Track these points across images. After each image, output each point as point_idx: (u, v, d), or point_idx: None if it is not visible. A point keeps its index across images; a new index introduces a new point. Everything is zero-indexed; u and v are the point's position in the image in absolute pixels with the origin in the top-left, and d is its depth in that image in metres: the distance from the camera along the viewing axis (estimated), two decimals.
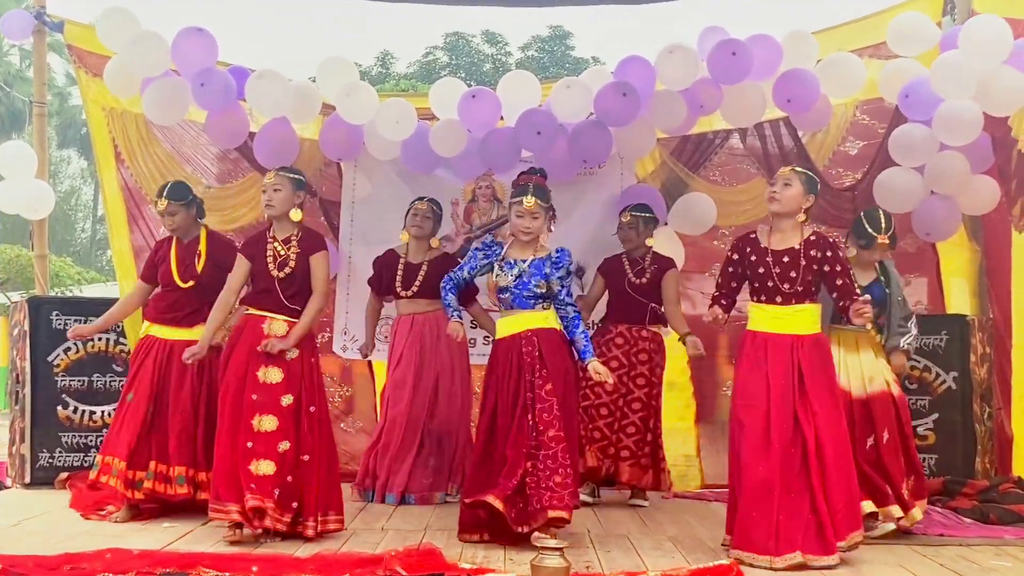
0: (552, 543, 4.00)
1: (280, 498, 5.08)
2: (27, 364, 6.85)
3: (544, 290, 5.20)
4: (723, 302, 5.15)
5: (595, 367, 5.17)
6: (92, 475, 5.74)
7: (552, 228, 5.37)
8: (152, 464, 5.62)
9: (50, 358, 6.90)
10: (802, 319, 4.95)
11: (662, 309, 6.49)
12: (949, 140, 6.23)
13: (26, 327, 6.87)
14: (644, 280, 6.45)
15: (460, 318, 5.38)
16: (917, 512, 5.49)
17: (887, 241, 5.55)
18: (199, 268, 5.78)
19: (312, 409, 5.26)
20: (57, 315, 6.86)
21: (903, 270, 6.85)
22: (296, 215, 5.38)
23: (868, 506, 5.21)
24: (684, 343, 6.33)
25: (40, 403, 6.86)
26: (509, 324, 5.26)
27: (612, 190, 7.13)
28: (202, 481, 5.62)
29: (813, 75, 6.41)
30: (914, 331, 5.66)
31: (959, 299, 7.09)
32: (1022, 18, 6.23)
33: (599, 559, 4.83)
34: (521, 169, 5.73)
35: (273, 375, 5.20)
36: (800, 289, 4.93)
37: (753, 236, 5.13)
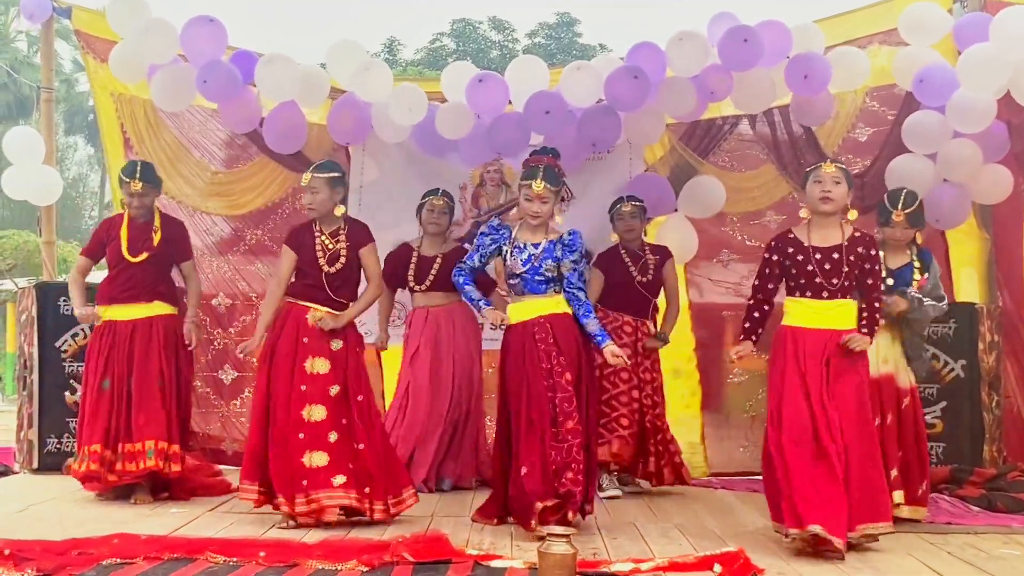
0: (559, 530, 3.99)
1: (345, 484, 5.12)
2: (35, 350, 6.88)
3: (555, 273, 5.17)
4: (764, 308, 5.08)
5: (612, 350, 5.13)
6: (80, 467, 5.76)
7: (564, 208, 5.33)
8: (122, 445, 5.68)
9: (58, 344, 6.92)
10: (842, 315, 4.93)
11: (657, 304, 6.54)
12: (962, 127, 6.20)
13: (34, 313, 6.89)
14: (649, 277, 6.44)
15: (489, 304, 5.33)
16: (902, 511, 5.38)
17: (902, 218, 5.50)
18: (155, 242, 5.85)
19: (360, 398, 5.27)
20: (65, 301, 6.84)
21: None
22: (340, 210, 5.38)
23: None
24: (658, 338, 6.43)
25: (48, 389, 6.88)
26: (522, 310, 5.22)
27: (621, 176, 7.13)
28: (174, 454, 5.71)
29: (825, 58, 6.41)
30: (930, 304, 5.57)
31: (968, 287, 7.07)
32: None
33: (606, 546, 4.82)
34: (548, 148, 5.61)
35: (320, 366, 5.22)
36: (846, 284, 4.91)
37: (792, 236, 5.05)
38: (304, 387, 5.18)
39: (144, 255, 5.86)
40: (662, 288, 6.55)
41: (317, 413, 5.17)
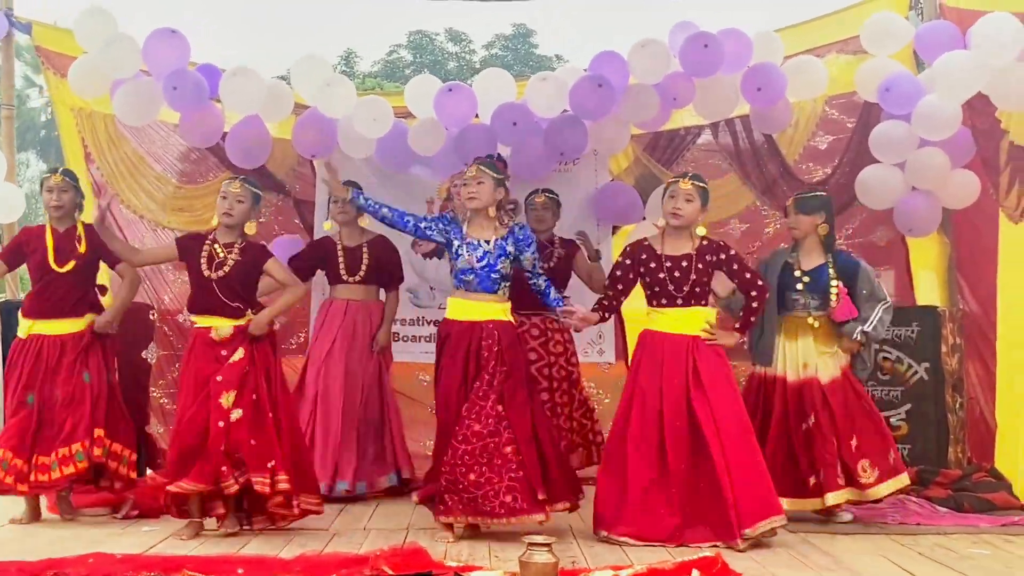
0: (540, 539, 4.00)
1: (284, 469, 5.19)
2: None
3: (507, 270, 5.26)
4: (616, 303, 5.43)
5: (566, 309, 5.37)
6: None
7: (511, 211, 5.46)
8: (36, 457, 5.58)
9: None
10: (698, 320, 5.24)
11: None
12: (930, 135, 6.31)
13: None
14: (552, 264, 6.49)
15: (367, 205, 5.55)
16: (883, 488, 5.58)
17: (791, 203, 5.81)
18: (81, 250, 5.76)
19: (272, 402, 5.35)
20: None
21: (873, 263, 6.93)
22: (251, 228, 5.52)
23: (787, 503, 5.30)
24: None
25: None
26: (468, 308, 5.29)
27: (587, 187, 7.19)
28: (113, 450, 5.70)
29: (780, 69, 6.51)
30: (877, 317, 5.70)
31: (927, 291, 7.15)
32: (987, 10, 6.32)
33: (584, 554, 4.85)
34: (491, 153, 5.77)
35: (227, 374, 5.27)
36: (697, 292, 5.23)
37: (647, 244, 5.36)
38: (220, 377, 5.24)
39: (71, 264, 5.74)
40: (568, 279, 6.62)
41: (227, 401, 5.21)
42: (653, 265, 5.28)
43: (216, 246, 5.42)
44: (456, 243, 5.32)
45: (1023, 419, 6.31)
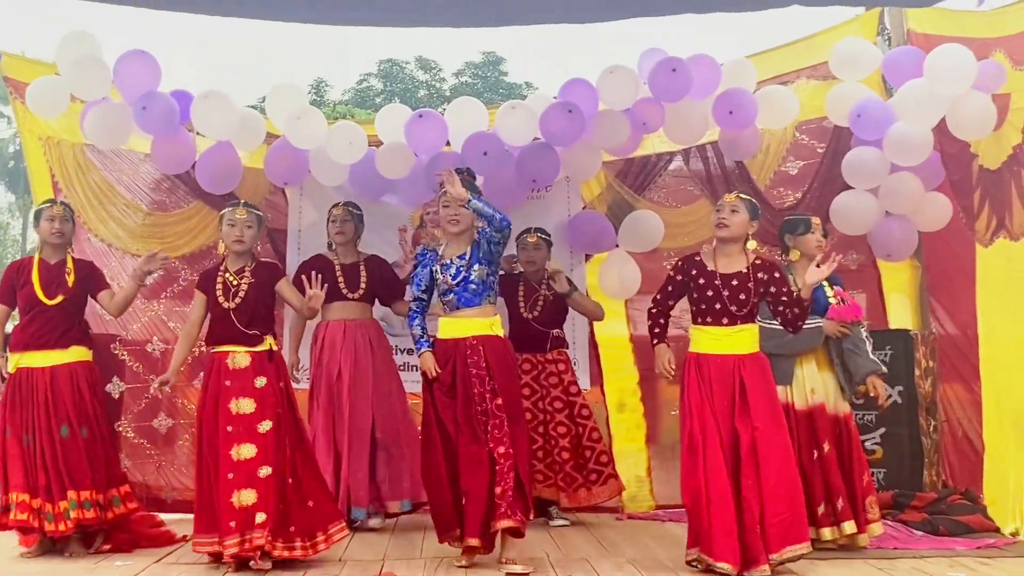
0: (519, 569, 3.97)
1: (272, 525, 5.00)
2: None
3: (485, 279, 5.19)
4: (663, 320, 5.28)
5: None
6: (12, 517, 5.52)
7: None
8: (51, 499, 5.47)
9: None
10: (744, 339, 5.09)
11: (559, 332, 6.58)
12: (901, 161, 6.38)
13: None
14: (538, 312, 6.48)
15: (431, 347, 5.29)
16: (876, 527, 5.56)
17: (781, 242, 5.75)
18: (70, 283, 5.71)
19: (289, 430, 5.25)
20: None
21: (845, 287, 6.96)
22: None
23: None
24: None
25: None
26: (453, 326, 5.23)
27: (560, 214, 7.17)
28: (107, 501, 5.59)
29: (752, 95, 6.57)
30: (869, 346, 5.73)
31: (899, 315, 7.19)
32: (955, 36, 6.40)
33: None
34: (460, 168, 5.65)
35: (245, 405, 5.18)
36: (747, 311, 5.07)
37: (698, 258, 5.23)
38: (230, 428, 5.14)
39: (60, 297, 5.67)
40: (561, 316, 6.62)
41: (245, 451, 5.09)
42: (702, 281, 5.14)
43: (227, 275, 5.38)
44: (434, 270, 5.29)
45: (1012, 440, 6.29)
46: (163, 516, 6.47)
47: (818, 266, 5.11)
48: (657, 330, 5.29)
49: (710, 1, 5.52)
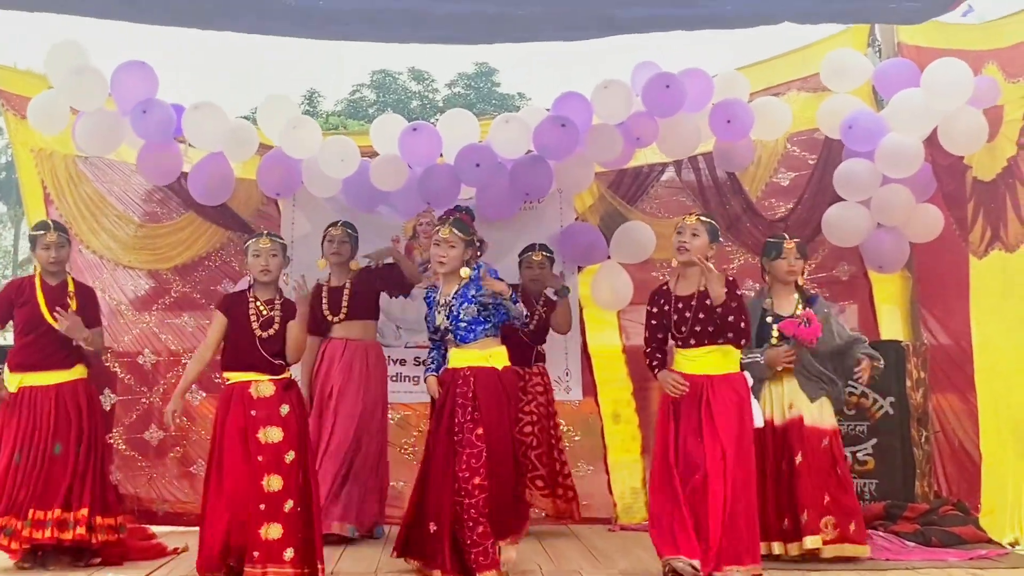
0: None
1: (294, 558, 4.96)
2: None
3: (475, 315, 5.19)
4: (658, 355, 5.27)
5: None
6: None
7: (478, 257, 5.41)
8: (34, 512, 5.43)
9: None
10: (712, 360, 5.10)
11: (543, 347, 6.63)
12: (893, 173, 6.40)
13: None
14: (531, 326, 6.47)
15: (436, 373, 5.36)
16: (830, 550, 5.49)
17: (793, 257, 5.73)
18: (73, 308, 5.70)
19: (307, 459, 5.22)
20: None
21: (836, 298, 6.97)
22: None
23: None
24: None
25: None
26: (456, 357, 5.28)
27: (552, 226, 7.18)
28: (98, 525, 5.53)
29: (747, 104, 6.62)
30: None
31: (890, 326, 7.20)
32: (946, 48, 6.43)
33: None
34: (461, 206, 5.77)
35: (273, 434, 5.10)
36: (712, 331, 5.06)
37: (665, 287, 5.30)
38: (261, 458, 5.05)
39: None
40: (548, 331, 6.65)
41: (275, 483, 5.03)
42: (667, 307, 5.20)
43: (259, 304, 5.27)
44: (435, 311, 5.35)
45: (1011, 449, 6.29)
46: (154, 528, 6.46)
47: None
48: (655, 363, 5.27)
49: (700, 19, 5.55)
